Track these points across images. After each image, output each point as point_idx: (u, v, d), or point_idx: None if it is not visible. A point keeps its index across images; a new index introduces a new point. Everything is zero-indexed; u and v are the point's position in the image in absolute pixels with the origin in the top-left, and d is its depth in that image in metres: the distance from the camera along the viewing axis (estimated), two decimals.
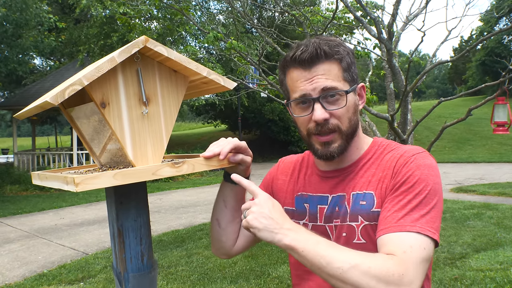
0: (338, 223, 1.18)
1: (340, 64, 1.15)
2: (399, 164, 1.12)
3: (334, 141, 1.17)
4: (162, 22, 14.23)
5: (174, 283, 4.95)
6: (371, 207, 1.13)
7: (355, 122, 1.18)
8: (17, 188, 13.75)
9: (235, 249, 1.40)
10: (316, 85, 1.13)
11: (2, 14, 12.18)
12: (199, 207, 10.14)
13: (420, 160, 1.11)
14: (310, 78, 1.14)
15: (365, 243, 1.12)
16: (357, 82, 1.20)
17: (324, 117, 1.13)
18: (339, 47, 1.15)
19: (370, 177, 1.17)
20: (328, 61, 1.14)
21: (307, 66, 1.14)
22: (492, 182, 11.69)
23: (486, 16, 13.07)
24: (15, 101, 16.83)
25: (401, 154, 1.15)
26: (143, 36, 1.00)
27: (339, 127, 1.15)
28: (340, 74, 1.14)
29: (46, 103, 0.90)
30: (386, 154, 1.19)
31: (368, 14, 4.93)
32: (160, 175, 1.01)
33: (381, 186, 1.14)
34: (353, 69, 1.17)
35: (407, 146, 1.19)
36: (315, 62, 1.13)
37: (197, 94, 1.27)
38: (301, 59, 1.14)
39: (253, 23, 6.19)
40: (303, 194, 1.29)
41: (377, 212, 1.11)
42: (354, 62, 1.18)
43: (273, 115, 22.41)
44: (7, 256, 6.44)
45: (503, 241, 5.97)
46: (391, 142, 1.24)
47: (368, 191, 1.15)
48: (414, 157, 1.12)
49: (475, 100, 29.27)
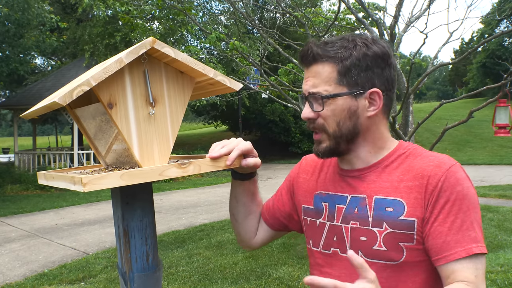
0: (357, 225, 1.15)
1: (335, 67, 1.12)
2: (437, 178, 1.08)
3: (322, 141, 1.18)
4: (164, 23, 14.24)
5: (175, 284, 4.96)
6: (400, 215, 1.09)
7: (350, 127, 1.14)
8: (18, 187, 13.75)
9: (255, 241, 1.44)
10: (306, 86, 1.16)
11: (4, 14, 12.20)
12: (199, 207, 10.14)
13: (458, 174, 1.08)
14: (306, 77, 1.17)
15: (385, 251, 1.10)
16: (366, 87, 1.13)
17: (307, 116, 1.16)
18: (340, 48, 1.12)
19: (395, 182, 1.13)
20: (320, 62, 1.13)
21: (305, 66, 1.18)
22: (492, 184, 11.70)
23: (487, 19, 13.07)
24: (16, 101, 16.83)
25: (437, 165, 1.10)
26: (150, 37, 1.00)
27: (324, 128, 1.15)
28: (334, 76, 1.12)
29: (54, 104, 0.91)
30: (414, 160, 1.15)
31: (370, 15, 4.94)
32: (166, 175, 1.01)
33: (415, 196, 1.09)
34: (357, 73, 1.11)
35: (434, 154, 1.15)
36: (310, 62, 1.15)
37: (203, 95, 1.28)
38: (299, 58, 1.18)
39: (254, 24, 6.19)
40: (321, 193, 1.27)
41: (407, 221, 1.08)
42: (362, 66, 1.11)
43: (274, 116, 22.40)
44: (8, 256, 6.45)
45: (504, 243, 5.97)
46: (417, 147, 1.20)
47: (396, 198, 1.11)
48: (453, 172, 1.08)
49: (476, 102, 29.29)
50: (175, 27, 13.91)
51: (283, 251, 6.05)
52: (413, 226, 1.08)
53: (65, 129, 39.87)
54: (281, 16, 19.05)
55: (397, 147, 1.20)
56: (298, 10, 5.79)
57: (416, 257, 1.08)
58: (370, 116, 1.15)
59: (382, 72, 1.14)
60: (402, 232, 1.08)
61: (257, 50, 11.36)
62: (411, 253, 1.08)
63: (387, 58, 1.14)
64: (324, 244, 1.23)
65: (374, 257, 1.11)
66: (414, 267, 1.09)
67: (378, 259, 1.11)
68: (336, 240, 1.20)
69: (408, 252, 1.08)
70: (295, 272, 5.15)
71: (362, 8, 4.95)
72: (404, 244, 1.08)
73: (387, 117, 1.21)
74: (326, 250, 1.22)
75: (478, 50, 34.02)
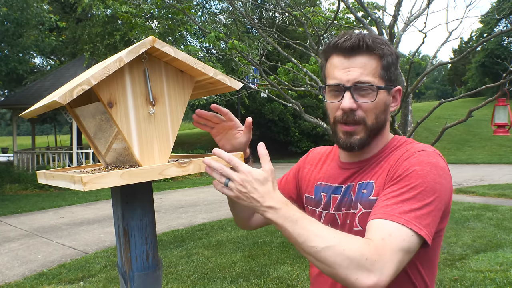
0: (344, 211, 1.23)
1: (380, 61, 1.16)
2: (402, 157, 1.14)
3: (356, 133, 1.19)
4: (163, 22, 14.23)
5: (174, 283, 4.96)
6: (369, 195, 1.17)
7: (382, 120, 1.21)
8: (17, 187, 13.73)
9: (252, 223, 1.48)
10: (351, 76, 1.15)
11: (3, 13, 12.19)
12: (198, 207, 10.14)
13: (424, 157, 1.11)
14: (347, 68, 1.16)
15: (361, 230, 1.14)
16: (395, 84, 1.22)
17: (351, 106, 1.15)
18: (384, 45, 1.17)
19: (378, 168, 1.20)
20: (368, 54, 1.15)
21: (347, 55, 1.17)
22: (491, 184, 11.71)
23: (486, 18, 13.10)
24: (15, 100, 16.81)
25: (408, 149, 1.17)
26: (150, 36, 1.00)
27: (364, 120, 1.17)
28: (378, 70, 1.16)
29: (54, 103, 0.91)
30: (400, 149, 1.21)
31: (369, 15, 4.95)
32: (166, 174, 1.01)
33: (383, 175, 1.17)
34: (393, 71, 1.19)
35: (420, 144, 1.21)
36: (356, 53, 1.15)
37: (203, 94, 1.28)
38: (343, 47, 1.16)
39: (254, 23, 6.19)
40: (322, 184, 1.33)
41: (373, 200, 1.13)
42: (396, 65, 1.20)
43: (273, 115, 22.40)
44: (7, 255, 6.44)
45: (503, 242, 5.98)
46: (408, 139, 1.26)
47: (370, 180, 1.19)
48: (419, 153, 1.13)
49: (475, 102, 29.31)
50: (174, 27, 13.90)
51: (282, 250, 6.05)
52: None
53: (64, 129, 39.87)
54: (280, 16, 19.07)
55: (392, 139, 1.27)
56: (297, 9, 5.79)
57: None
58: (391, 111, 1.24)
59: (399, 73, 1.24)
60: (370, 210, 1.12)
61: (256, 50, 11.36)
62: None
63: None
64: None
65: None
66: None
67: None
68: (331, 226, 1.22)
69: None
70: (294, 271, 5.15)
71: (361, 8, 4.96)
72: None
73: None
74: None
75: (477, 50, 34.05)
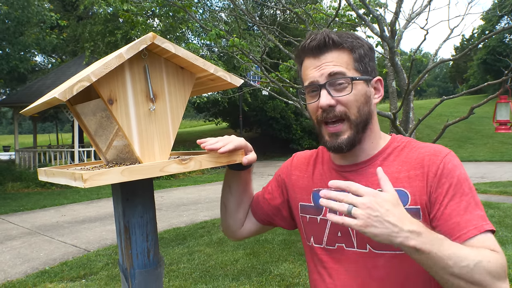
0: None
1: (351, 54, 1.15)
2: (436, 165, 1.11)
3: (343, 132, 1.15)
4: (164, 20, 14.22)
5: (176, 280, 4.96)
6: (405, 204, 1.09)
7: (366, 113, 1.16)
8: (19, 185, 13.75)
9: (241, 232, 1.45)
10: (324, 71, 1.13)
11: (4, 12, 12.19)
12: (200, 204, 10.14)
13: (454, 161, 1.12)
14: (318, 66, 1.14)
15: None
16: (373, 75, 1.19)
17: (329, 102, 1.12)
18: (352, 38, 1.16)
19: (395, 173, 1.14)
20: (337, 49, 1.14)
21: (316, 54, 1.15)
22: (493, 181, 11.68)
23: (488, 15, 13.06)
24: (17, 98, 16.83)
25: (433, 153, 1.13)
26: (150, 33, 1.00)
27: (346, 114, 1.13)
28: (351, 62, 1.14)
29: (54, 99, 0.91)
30: (410, 152, 1.17)
31: (371, 12, 4.93)
32: (167, 171, 1.01)
33: (417, 184, 1.11)
34: (367, 62, 1.17)
35: (428, 144, 1.18)
36: (324, 50, 1.14)
37: (204, 91, 1.27)
38: (310, 47, 1.15)
39: (255, 21, 6.17)
40: (320, 190, 1.25)
41: (412, 210, 1.08)
42: (370, 56, 1.18)
43: (275, 112, 22.37)
44: (9, 253, 6.46)
45: (505, 239, 5.97)
46: (410, 139, 1.23)
47: (398, 188, 1.11)
48: (449, 159, 1.12)
49: (476, 99, 29.23)
50: (175, 25, 13.88)
51: (284, 248, 6.05)
52: (419, 214, 1.09)
53: (65, 127, 39.89)
54: (281, 13, 19.03)
55: (391, 139, 1.23)
56: (298, 6, 5.77)
57: None
58: (375, 103, 1.21)
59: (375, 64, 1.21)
60: None
61: (258, 47, 11.35)
62: None
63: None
64: (328, 240, 1.23)
65: (382, 249, 1.11)
66: None
67: (386, 249, 1.11)
68: (341, 235, 1.19)
69: None
70: (296, 269, 5.15)
71: (363, 5, 4.94)
72: None
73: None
74: (331, 246, 1.22)
75: (478, 47, 33.96)
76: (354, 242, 1.16)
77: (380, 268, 1.12)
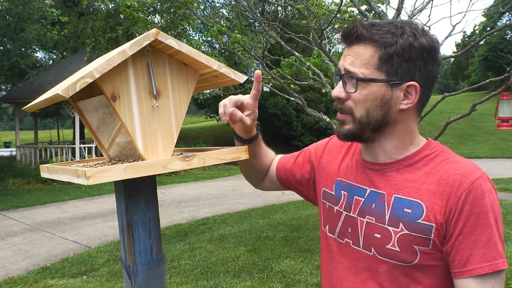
0: (372, 221, 1.13)
1: (377, 51, 1.06)
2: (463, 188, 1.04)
3: (346, 123, 1.13)
4: (165, 16, 14.21)
5: (177, 277, 4.97)
6: (418, 218, 1.06)
7: (378, 116, 1.09)
8: (20, 181, 13.76)
9: (260, 187, 1.56)
10: (344, 63, 1.11)
11: (5, 8, 12.18)
12: (201, 201, 10.15)
13: (485, 186, 1.05)
14: (345, 56, 1.12)
15: (398, 251, 1.07)
16: (404, 78, 1.07)
17: (337, 95, 1.12)
18: (387, 33, 1.06)
19: (418, 183, 1.09)
20: (363, 43, 1.08)
21: (347, 43, 1.12)
22: (494, 178, 11.68)
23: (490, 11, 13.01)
24: (18, 94, 16.83)
25: (463, 174, 1.06)
26: (154, 29, 0.99)
27: (351, 111, 1.11)
28: (374, 61, 1.07)
29: (57, 96, 0.90)
30: (439, 164, 1.10)
31: (373, 8, 4.91)
32: (170, 168, 1.00)
33: (437, 202, 1.05)
34: (398, 62, 1.05)
35: (462, 161, 1.10)
36: (352, 41, 1.10)
37: (207, 88, 1.27)
38: (342, 36, 1.13)
39: (256, 17, 6.16)
40: (342, 181, 1.25)
41: (424, 225, 1.04)
42: (405, 57, 1.05)
43: (276, 109, 22.37)
44: (10, 249, 6.47)
45: (506, 236, 5.97)
46: (445, 149, 1.15)
47: (416, 199, 1.07)
48: (479, 184, 1.04)
49: (477, 96, 29.23)
50: (176, 21, 13.87)
51: (285, 245, 6.06)
52: (431, 231, 1.04)
53: (66, 123, 39.89)
54: (282, 9, 18.99)
55: (424, 145, 1.15)
56: (300, 2, 5.75)
57: (430, 261, 1.06)
58: (402, 109, 1.10)
59: (425, 66, 1.07)
60: (419, 235, 1.05)
61: (259, 43, 11.34)
62: (425, 257, 1.05)
63: (433, 53, 1.08)
64: (339, 233, 1.23)
65: (386, 256, 1.10)
66: (426, 271, 1.07)
67: (390, 258, 1.09)
68: (350, 231, 1.18)
69: (422, 255, 1.05)
70: (297, 265, 5.16)
71: (365, 1, 4.93)
72: (419, 248, 1.05)
73: (419, 114, 1.16)
74: (340, 239, 1.22)
75: (480, 44, 33.89)
76: (360, 241, 1.15)
77: (382, 273, 1.11)
